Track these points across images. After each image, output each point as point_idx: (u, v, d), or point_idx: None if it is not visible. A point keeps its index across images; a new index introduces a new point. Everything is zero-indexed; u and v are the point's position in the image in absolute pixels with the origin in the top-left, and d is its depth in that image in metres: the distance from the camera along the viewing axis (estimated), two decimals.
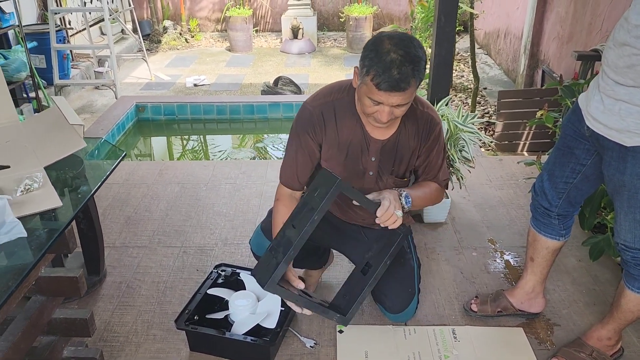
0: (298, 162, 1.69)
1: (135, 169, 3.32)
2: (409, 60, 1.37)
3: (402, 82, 1.37)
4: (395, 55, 1.36)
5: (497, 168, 3.25)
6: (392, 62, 1.36)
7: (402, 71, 1.36)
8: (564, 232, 1.89)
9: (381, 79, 1.37)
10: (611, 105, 1.50)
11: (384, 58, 1.37)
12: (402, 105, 1.46)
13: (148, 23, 7.49)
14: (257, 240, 1.92)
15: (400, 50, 1.37)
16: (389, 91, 1.38)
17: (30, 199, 1.33)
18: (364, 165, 1.68)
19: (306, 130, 1.64)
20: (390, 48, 1.38)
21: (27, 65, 4.06)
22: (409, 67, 1.36)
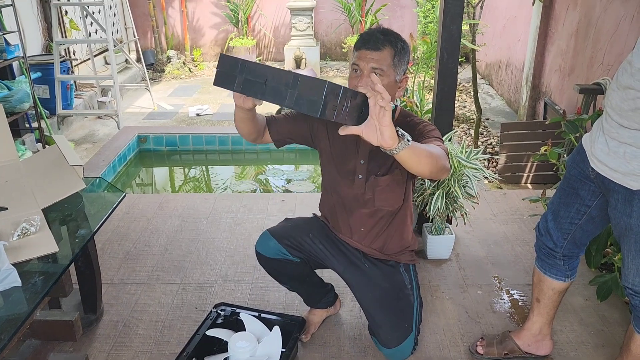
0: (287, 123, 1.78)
1: (136, 201, 3.30)
2: (386, 31, 1.59)
3: (376, 40, 1.55)
4: (375, 29, 1.61)
5: (501, 202, 3.22)
6: (371, 30, 1.61)
7: (377, 35, 1.56)
8: (569, 272, 1.86)
9: (360, 41, 1.58)
10: (616, 148, 1.48)
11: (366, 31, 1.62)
12: (378, 71, 1.54)
13: (152, 52, 7.57)
14: (264, 241, 1.91)
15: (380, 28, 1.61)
16: (366, 49, 1.55)
17: (27, 243, 1.30)
18: (353, 167, 1.75)
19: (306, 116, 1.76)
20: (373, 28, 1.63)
21: (30, 96, 4.08)
22: (384, 34, 1.57)
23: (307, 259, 1.90)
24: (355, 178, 1.74)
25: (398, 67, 1.58)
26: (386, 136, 1.22)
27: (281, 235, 1.87)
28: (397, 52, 1.56)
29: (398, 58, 1.57)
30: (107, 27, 5.08)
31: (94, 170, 3.78)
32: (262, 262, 1.93)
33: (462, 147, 2.50)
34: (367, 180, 1.73)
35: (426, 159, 1.37)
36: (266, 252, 1.88)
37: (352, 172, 1.75)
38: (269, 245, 1.86)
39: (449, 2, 2.46)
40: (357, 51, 1.58)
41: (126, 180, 4.21)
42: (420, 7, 6.11)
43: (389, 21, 7.71)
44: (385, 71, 1.55)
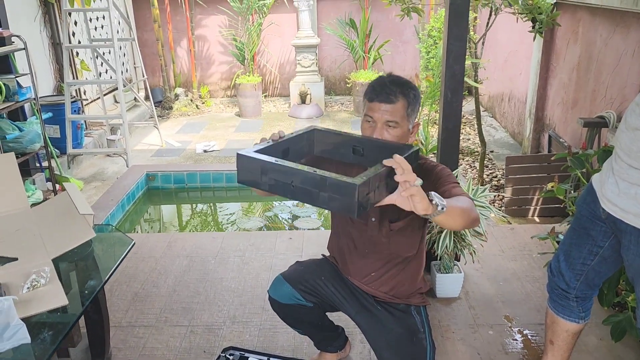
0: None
1: (144, 241, 3.31)
2: (398, 82, 1.60)
3: (390, 93, 1.56)
4: (385, 78, 1.62)
5: (509, 238, 3.20)
6: (382, 79, 1.62)
7: (390, 87, 1.57)
8: (583, 314, 1.83)
9: (372, 91, 1.59)
10: (626, 189, 1.48)
11: (376, 81, 1.63)
12: (393, 125, 1.57)
13: (160, 90, 7.70)
14: (277, 286, 1.89)
15: (391, 77, 1.63)
16: (379, 101, 1.56)
17: (36, 296, 1.31)
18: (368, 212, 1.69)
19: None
20: (384, 77, 1.64)
21: (41, 137, 4.15)
22: (397, 86, 1.58)
23: (320, 303, 1.89)
24: (369, 220, 1.73)
25: (411, 116, 1.60)
26: (419, 208, 1.24)
27: (295, 280, 1.86)
28: (410, 102, 1.58)
29: (411, 108, 1.59)
30: (117, 67, 5.20)
31: (103, 210, 3.81)
32: (275, 308, 1.92)
33: (468, 184, 2.51)
34: (381, 224, 1.72)
35: (459, 217, 1.38)
36: (280, 298, 1.87)
37: (365, 214, 1.72)
38: (283, 291, 1.85)
39: (451, 42, 2.51)
40: (369, 102, 1.59)
41: (135, 217, 4.24)
42: (422, 42, 6.21)
43: (392, 56, 7.83)
44: (399, 123, 1.57)
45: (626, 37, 3.42)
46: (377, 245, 1.75)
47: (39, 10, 5.18)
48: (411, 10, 3.93)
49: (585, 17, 4.03)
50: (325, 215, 4.31)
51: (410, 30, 7.63)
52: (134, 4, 7.48)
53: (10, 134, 4.01)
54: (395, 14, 4.54)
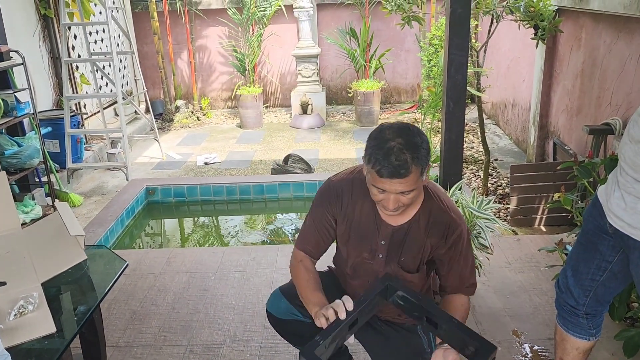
0: (311, 231, 1.74)
1: (143, 257, 3.25)
2: (407, 147, 1.42)
3: (401, 168, 1.40)
4: (393, 143, 1.42)
5: (516, 249, 3.13)
6: (390, 150, 1.41)
7: (401, 158, 1.40)
8: (593, 331, 1.77)
9: (381, 166, 1.42)
10: (633, 204, 1.42)
11: (384, 146, 1.42)
12: (407, 192, 1.46)
13: (161, 103, 7.68)
14: (275, 301, 1.84)
15: (399, 138, 1.43)
16: (390, 178, 1.42)
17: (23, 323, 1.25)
18: (374, 246, 1.67)
19: (322, 203, 1.71)
20: (390, 137, 1.44)
21: (40, 152, 4.11)
22: (407, 153, 1.41)
23: None
24: (376, 256, 1.67)
25: (424, 173, 1.48)
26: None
27: (293, 295, 1.80)
28: (423, 165, 1.44)
29: (423, 167, 1.45)
30: (117, 80, 5.18)
31: (102, 225, 3.76)
32: (272, 323, 1.86)
33: (473, 196, 2.45)
34: (387, 262, 1.66)
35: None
36: (277, 313, 1.81)
37: (373, 250, 1.67)
38: (280, 306, 1.80)
39: (452, 52, 2.46)
40: (378, 177, 1.43)
41: (135, 232, 4.19)
42: (423, 51, 6.17)
43: (393, 65, 7.80)
44: (414, 189, 1.47)
45: (630, 42, 3.37)
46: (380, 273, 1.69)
47: (38, 25, 5.17)
48: (412, 18, 3.89)
49: (588, 23, 3.98)
50: None
51: (411, 38, 7.60)
52: (134, 16, 7.48)
53: (9, 149, 3.98)
54: (395, 22, 4.51)
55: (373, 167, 1.43)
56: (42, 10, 5.16)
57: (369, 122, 6.99)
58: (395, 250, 1.64)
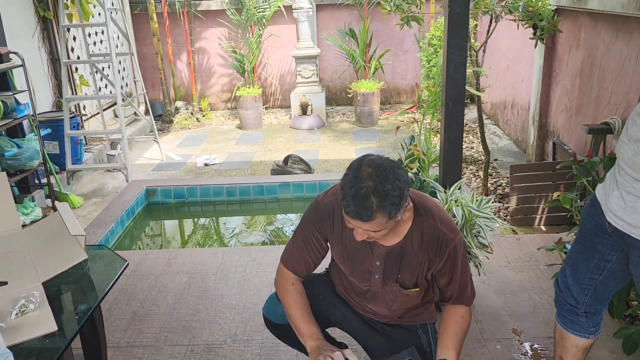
0: (302, 252, 1.71)
1: (144, 258, 3.26)
2: (376, 192, 1.38)
3: (364, 213, 1.38)
4: (364, 185, 1.38)
5: (515, 248, 3.14)
6: (359, 191, 1.38)
7: (365, 204, 1.37)
8: (593, 329, 1.77)
9: (347, 205, 1.40)
10: (633, 203, 1.42)
11: (355, 185, 1.40)
12: (374, 231, 1.45)
13: (160, 104, 7.69)
14: (271, 306, 1.85)
15: (371, 181, 1.39)
16: (353, 218, 1.41)
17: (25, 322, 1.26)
18: (369, 268, 1.65)
19: (313, 223, 1.68)
20: (364, 176, 1.40)
21: (40, 153, 4.12)
22: (374, 199, 1.38)
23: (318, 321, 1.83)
24: (372, 277, 1.66)
25: (396, 216, 1.44)
26: None
27: None
28: (391, 213, 1.40)
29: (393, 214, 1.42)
30: (116, 82, 5.18)
31: (103, 226, 3.76)
32: (269, 327, 1.87)
33: (472, 196, 2.45)
34: (384, 282, 1.65)
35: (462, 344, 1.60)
36: (274, 318, 1.82)
37: (368, 271, 1.66)
38: (276, 312, 1.80)
39: (451, 51, 2.47)
40: (345, 213, 1.43)
41: (135, 233, 4.19)
42: (423, 51, 6.19)
43: (393, 65, 7.81)
44: (381, 230, 1.45)
45: (629, 42, 3.38)
46: (381, 299, 1.70)
47: (37, 27, 5.17)
48: (411, 19, 3.90)
49: (586, 22, 3.99)
50: None
51: (410, 39, 7.61)
52: (133, 18, 7.49)
53: (8, 151, 3.98)
54: (394, 23, 4.51)
55: (341, 201, 1.42)
56: (41, 12, 5.16)
57: (369, 123, 7.00)
58: (391, 269, 1.63)
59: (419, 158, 2.76)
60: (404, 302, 1.69)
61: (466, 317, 1.65)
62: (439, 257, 1.59)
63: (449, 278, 1.62)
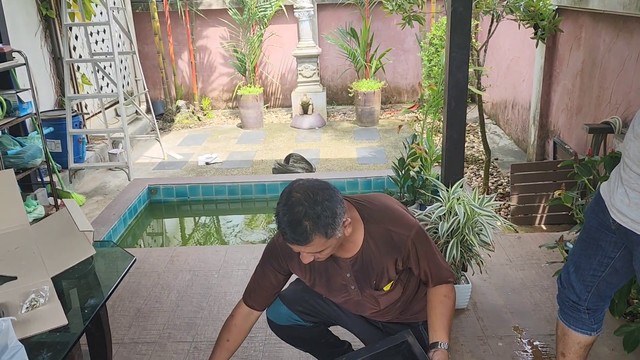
0: (259, 290, 1.75)
1: (147, 256, 3.27)
2: (307, 217, 1.41)
3: (301, 238, 1.42)
4: (295, 210, 1.42)
5: (517, 247, 3.15)
6: (290, 218, 1.42)
7: (299, 229, 1.41)
8: (595, 326, 1.79)
9: (284, 233, 1.44)
10: (637, 199, 1.44)
11: (287, 212, 1.43)
12: (319, 252, 1.48)
13: (162, 103, 7.70)
14: (274, 307, 1.86)
15: (300, 207, 1.42)
16: (292, 244, 1.46)
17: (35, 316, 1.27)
18: (342, 282, 1.68)
19: (270, 262, 1.73)
20: (294, 202, 1.43)
21: (42, 152, 4.13)
22: (307, 223, 1.41)
23: (321, 321, 1.85)
24: (349, 289, 1.69)
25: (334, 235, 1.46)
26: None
27: (292, 301, 1.83)
28: (327, 233, 1.44)
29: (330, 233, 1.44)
30: (118, 80, 5.19)
31: (105, 225, 3.78)
32: (273, 329, 1.89)
33: (474, 194, 2.47)
34: (362, 290, 1.68)
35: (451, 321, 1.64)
36: (277, 320, 1.84)
37: (342, 285, 1.69)
38: (280, 313, 1.82)
39: (454, 50, 2.48)
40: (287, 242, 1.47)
41: (137, 232, 4.21)
42: (424, 51, 6.20)
43: (394, 65, 7.83)
44: (324, 250, 1.49)
45: (630, 41, 3.40)
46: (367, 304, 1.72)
47: (40, 25, 5.19)
48: (412, 18, 3.92)
49: (587, 22, 4.01)
50: None
51: (411, 38, 7.63)
52: (135, 17, 7.50)
53: (11, 149, 4.00)
54: (396, 22, 4.53)
55: (279, 229, 1.46)
56: (44, 11, 5.18)
57: (370, 122, 7.01)
58: (363, 277, 1.66)
59: (421, 157, 2.78)
60: (387, 300, 1.71)
61: (449, 294, 1.67)
62: (400, 254, 1.61)
63: (418, 267, 1.65)
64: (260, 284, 1.75)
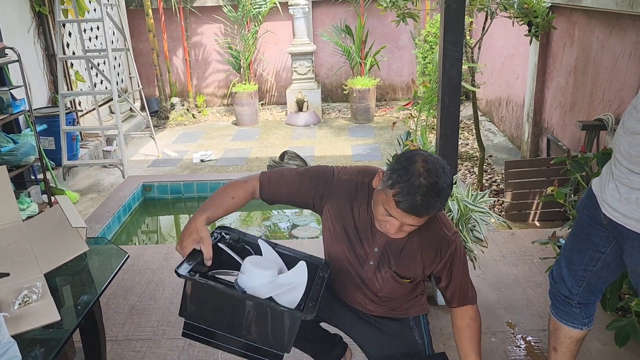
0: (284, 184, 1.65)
1: (141, 253, 3.27)
2: (436, 191, 1.36)
3: (423, 209, 1.37)
4: (424, 181, 1.35)
5: (510, 243, 3.17)
6: (419, 187, 1.35)
7: (426, 200, 1.35)
8: (586, 320, 1.81)
9: (403, 199, 1.36)
10: (627, 194, 1.45)
11: (413, 180, 1.36)
12: (414, 225, 1.45)
13: (156, 100, 7.68)
14: None
15: (431, 179, 1.36)
16: (407, 212, 1.38)
17: (28, 312, 1.27)
18: (365, 252, 1.63)
19: (314, 181, 1.64)
20: (422, 172, 1.37)
21: (36, 149, 4.12)
22: (434, 197, 1.36)
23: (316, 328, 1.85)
24: (366, 263, 1.64)
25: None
26: None
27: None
28: (440, 207, 1.43)
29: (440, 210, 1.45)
30: (112, 77, 5.17)
31: (99, 222, 3.77)
32: None
33: (467, 190, 2.48)
34: (377, 269, 1.64)
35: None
36: None
37: (362, 256, 1.64)
38: None
39: (447, 47, 2.49)
40: (399, 208, 1.38)
41: (132, 229, 4.20)
42: (418, 48, 6.21)
43: (388, 62, 7.83)
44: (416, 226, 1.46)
45: (622, 39, 3.41)
46: (370, 286, 1.69)
47: (33, 22, 5.16)
48: (407, 15, 3.92)
49: (581, 20, 4.03)
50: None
51: (406, 35, 7.64)
52: (129, 14, 7.48)
53: (4, 146, 3.98)
54: (390, 19, 4.53)
55: (394, 196, 1.37)
56: (37, 7, 5.15)
57: (365, 119, 7.02)
58: (387, 259, 1.62)
59: None
60: (393, 290, 1.68)
61: (475, 317, 1.67)
62: (439, 257, 1.59)
63: (449, 278, 1.62)
64: (288, 183, 1.64)
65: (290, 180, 1.66)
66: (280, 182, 1.66)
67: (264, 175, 1.69)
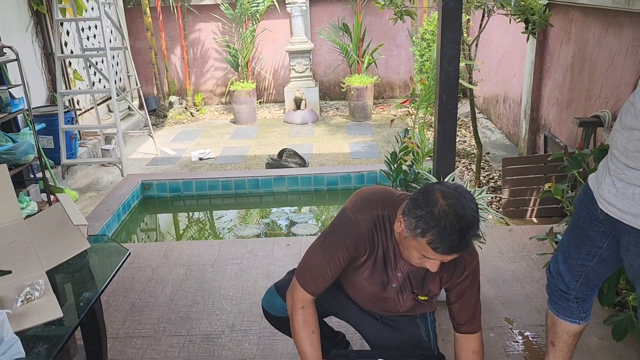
0: (323, 271, 1.60)
1: (141, 250, 3.28)
2: (468, 225, 1.32)
3: (462, 245, 1.34)
4: (452, 219, 1.31)
5: (508, 239, 3.19)
6: (451, 229, 1.31)
7: (462, 237, 1.32)
8: (583, 315, 1.82)
9: (440, 245, 1.33)
10: (624, 189, 1.47)
11: (442, 224, 1.31)
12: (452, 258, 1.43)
13: (154, 99, 7.68)
14: (270, 298, 1.87)
15: (458, 215, 1.31)
16: (448, 254, 1.36)
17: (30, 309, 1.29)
18: (389, 277, 1.63)
19: (347, 246, 1.57)
20: (447, 210, 1.32)
21: (35, 148, 4.12)
22: (468, 232, 1.33)
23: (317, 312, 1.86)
24: (389, 286, 1.64)
25: None
26: None
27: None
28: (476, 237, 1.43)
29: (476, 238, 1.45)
30: (110, 76, 5.18)
31: (99, 220, 3.78)
32: (268, 319, 1.90)
33: (465, 186, 2.49)
34: (400, 292, 1.64)
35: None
36: (272, 311, 1.85)
37: (385, 281, 1.64)
38: (275, 304, 1.83)
39: (445, 44, 2.50)
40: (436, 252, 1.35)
41: (131, 227, 4.21)
42: (416, 46, 6.22)
43: (386, 60, 7.84)
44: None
45: (619, 36, 3.43)
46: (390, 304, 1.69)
47: (31, 21, 5.16)
48: (404, 13, 3.93)
49: (577, 17, 4.04)
50: (323, 220, 4.29)
51: (403, 33, 7.65)
52: (126, 12, 7.47)
53: (3, 145, 3.99)
54: (388, 17, 4.54)
55: (429, 243, 1.34)
56: (35, 6, 5.15)
57: (363, 117, 7.03)
58: (410, 284, 1.63)
59: (413, 151, 2.80)
60: (412, 308, 1.70)
61: (477, 350, 1.65)
62: (455, 276, 1.58)
63: (462, 301, 1.62)
64: (329, 271, 1.58)
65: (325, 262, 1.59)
66: (319, 272, 1.60)
67: (301, 279, 1.63)
